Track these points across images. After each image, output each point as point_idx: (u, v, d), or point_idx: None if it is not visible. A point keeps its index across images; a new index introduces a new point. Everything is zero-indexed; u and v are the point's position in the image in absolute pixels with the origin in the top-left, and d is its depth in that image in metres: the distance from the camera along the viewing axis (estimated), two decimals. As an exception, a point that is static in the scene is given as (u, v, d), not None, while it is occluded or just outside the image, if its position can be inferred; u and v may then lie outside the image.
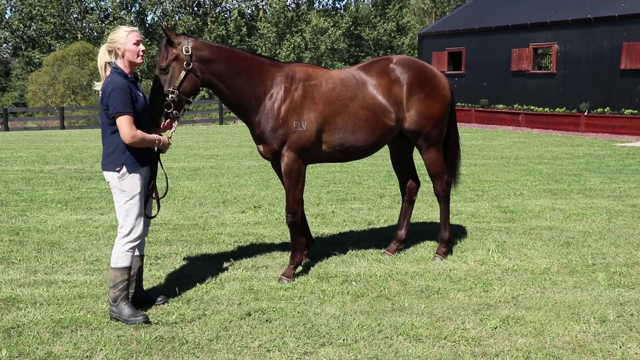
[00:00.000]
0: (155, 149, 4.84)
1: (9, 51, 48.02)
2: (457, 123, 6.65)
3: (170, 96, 5.00)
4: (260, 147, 5.64)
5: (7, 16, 44.62)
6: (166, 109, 5.00)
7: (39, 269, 5.94)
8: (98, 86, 4.71)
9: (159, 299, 5.05)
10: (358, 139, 5.75)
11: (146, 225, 4.99)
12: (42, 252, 6.49)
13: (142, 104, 4.70)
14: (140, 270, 5.04)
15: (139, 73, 5.06)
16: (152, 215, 5.06)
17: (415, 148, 6.38)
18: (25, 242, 6.92)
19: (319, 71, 5.80)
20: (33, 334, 4.43)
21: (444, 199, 6.36)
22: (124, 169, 4.62)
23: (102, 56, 4.71)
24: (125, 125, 4.53)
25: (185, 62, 5.06)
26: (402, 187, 6.61)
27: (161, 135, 4.89)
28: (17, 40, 44.73)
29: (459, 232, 7.27)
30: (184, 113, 5.23)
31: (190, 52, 5.08)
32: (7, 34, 44.69)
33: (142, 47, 4.73)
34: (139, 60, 4.73)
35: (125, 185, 4.64)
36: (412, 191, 6.55)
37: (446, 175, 6.32)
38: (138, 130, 4.59)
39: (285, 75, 5.55)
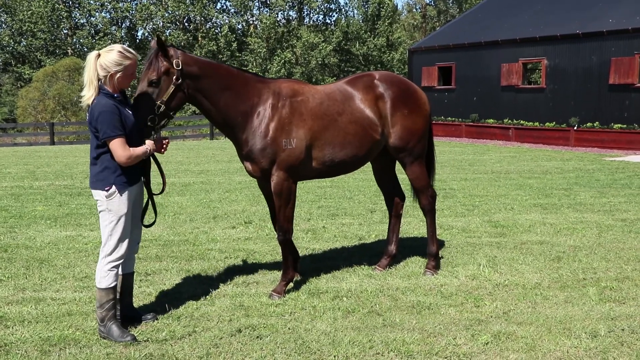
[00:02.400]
0: (149, 152, 4.74)
1: (-2, 67, 47.98)
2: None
3: (157, 110, 4.86)
4: (248, 165, 5.55)
5: (-3, 32, 44.63)
6: (150, 122, 4.83)
7: (28, 286, 5.89)
8: (84, 98, 4.57)
9: (148, 316, 5.01)
10: (347, 154, 5.74)
11: (136, 243, 4.97)
12: (31, 269, 6.43)
13: (132, 122, 4.67)
14: (130, 287, 5.01)
15: (130, 88, 4.97)
16: (148, 224, 5.02)
17: (397, 163, 6.40)
18: (13, 259, 6.86)
19: (305, 86, 5.77)
20: (21, 353, 4.38)
21: (429, 212, 6.38)
22: (113, 188, 4.59)
23: (94, 70, 4.53)
24: (118, 148, 4.50)
25: (174, 77, 4.92)
26: (388, 202, 6.63)
27: (147, 139, 4.80)
28: (7, 56, 44.65)
29: (450, 247, 7.28)
30: (162, 128, 5.07)
31: (180, 67, 4.94)
32: (-3, 49, 44.68)
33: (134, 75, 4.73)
34: (127, 86, 4.73)
35: (112, 205, 4.60)
36: (398, 205, 6.57)
37: (430, 188, 6.34)
38: (131, 149, 4.56)
39: (272, 92, 5.48)
